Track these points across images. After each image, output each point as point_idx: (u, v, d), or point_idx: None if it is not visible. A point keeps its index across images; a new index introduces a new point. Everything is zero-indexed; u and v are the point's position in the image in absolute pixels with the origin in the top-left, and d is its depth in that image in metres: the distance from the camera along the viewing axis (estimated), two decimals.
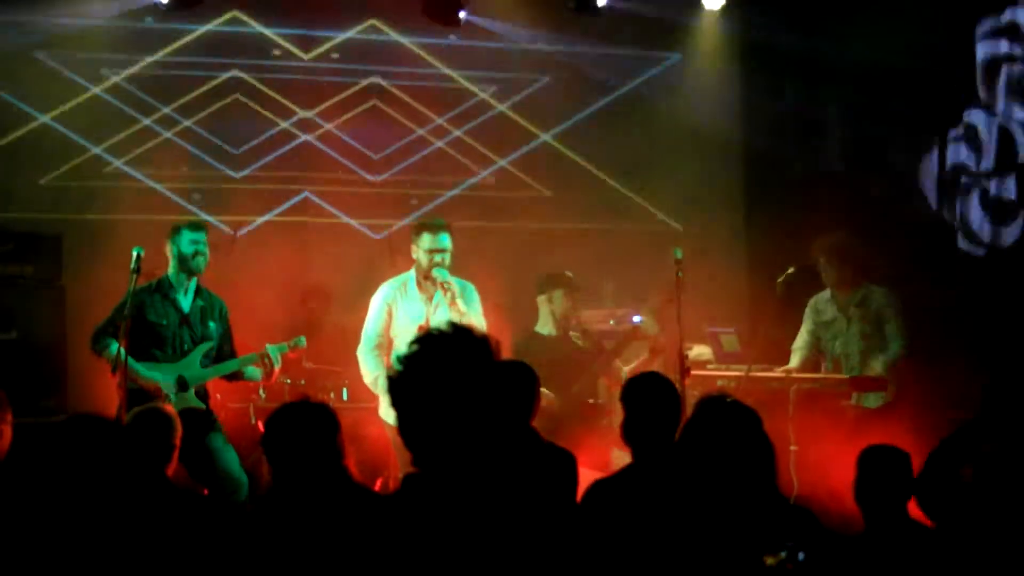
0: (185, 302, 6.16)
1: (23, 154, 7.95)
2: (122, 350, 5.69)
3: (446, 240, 6.17)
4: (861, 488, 4.00)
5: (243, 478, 5.91)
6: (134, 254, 5.85)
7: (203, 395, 6.18)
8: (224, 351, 6.28)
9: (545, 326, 6.87)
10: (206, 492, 5.71)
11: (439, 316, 6.13)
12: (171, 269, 6.19)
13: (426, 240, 6.16)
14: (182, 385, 6.00)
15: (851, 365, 6.81)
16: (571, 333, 6.92)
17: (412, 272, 6.30)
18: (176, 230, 6.18)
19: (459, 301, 6.08)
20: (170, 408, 4.83)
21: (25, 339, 6.95)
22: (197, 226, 6.26)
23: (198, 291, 6.24)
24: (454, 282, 6.12)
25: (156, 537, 3.93)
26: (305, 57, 8.54)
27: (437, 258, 6.12)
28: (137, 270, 5.85)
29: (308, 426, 3.66)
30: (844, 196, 7.87)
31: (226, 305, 6.34)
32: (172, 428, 4.48)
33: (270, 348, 6.17)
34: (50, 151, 8.00)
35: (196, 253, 6.12)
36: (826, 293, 7.01)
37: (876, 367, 6.68)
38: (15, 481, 4.25)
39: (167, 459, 4.46)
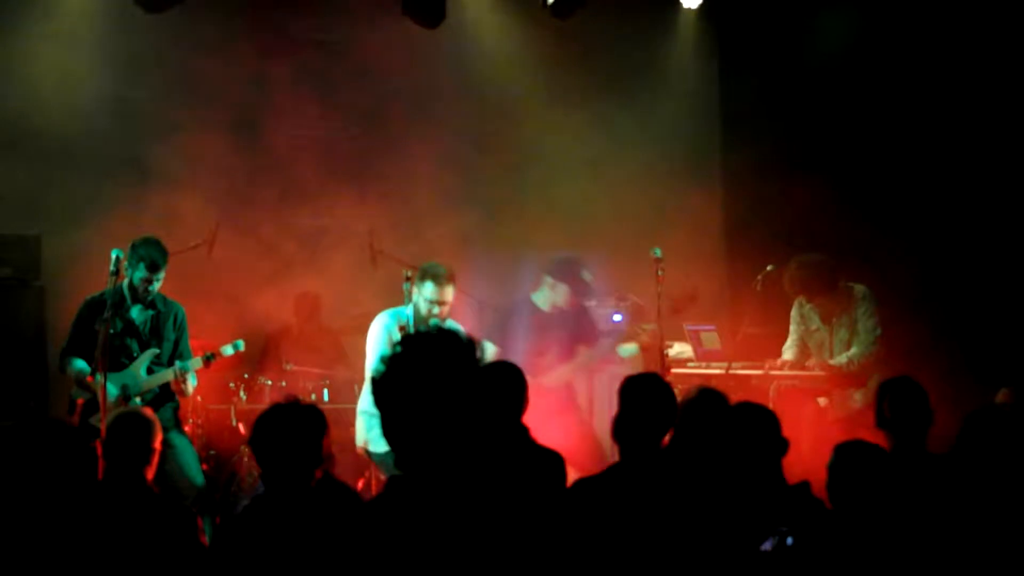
0: (135, 311, 6.08)
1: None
2: (78, 362, 5.91)
3: (450, 293, 6.02)
4: (833, 485, 3.99)
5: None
6: (113, 256, 5.82)
7: (160, 401, 6.03)
8: (177, 356, 6.13)
9: (543, 301, 6.55)
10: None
11: None
12: (124, 282, 6.05)
13: (429, 289, 6.00)
14: (125, 394, 5.91)
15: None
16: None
17: (411, 311, 6.12)
18: (135, 250, 6.00)
19: None
20: (149, 412, 4.81)
21: (4, 341, 6.90)
22: (155, 265, 6.00)
23: (152, 300, 6.11)
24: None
25: (137, 537, 3.93)
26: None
27: (435, 309, 5.99)
28: (116, 272, 5.81)
29: (298, 427, 3.68)
30: (823, 190, 7.87)
31: (183, 310, 6.22)
32: (151, 431, 4.48)
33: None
34: (31, 150, 7.85)
35: (145, 291, 6.01)
36: None
37: (835, 362, 6.64)
38: None
39: (146, 461, 4.46)
